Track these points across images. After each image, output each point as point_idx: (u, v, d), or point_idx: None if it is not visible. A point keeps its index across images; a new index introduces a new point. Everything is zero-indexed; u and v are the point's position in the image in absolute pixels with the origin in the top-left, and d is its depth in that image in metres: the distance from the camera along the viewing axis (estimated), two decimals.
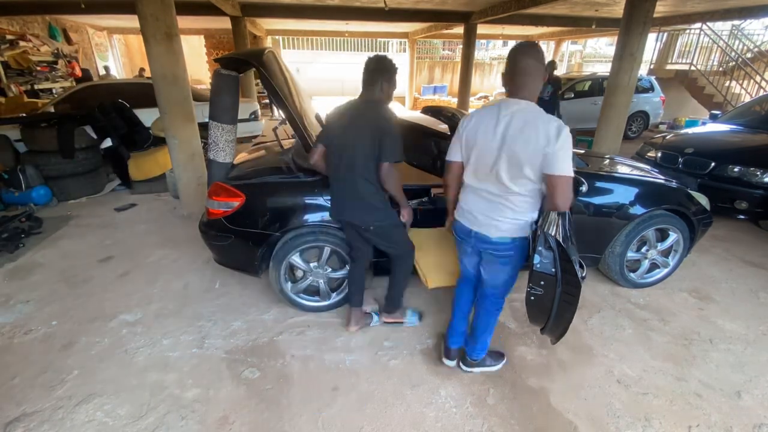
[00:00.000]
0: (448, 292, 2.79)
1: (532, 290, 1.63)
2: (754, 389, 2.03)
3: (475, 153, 1.64)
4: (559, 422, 1.84)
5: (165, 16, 3.35)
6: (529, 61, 1.51)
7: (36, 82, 8.27)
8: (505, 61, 1.59)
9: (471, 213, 1.74)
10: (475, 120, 1.64)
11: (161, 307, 2.63)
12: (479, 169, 1.65)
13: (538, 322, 1.75)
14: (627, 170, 2.90)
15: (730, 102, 8.17)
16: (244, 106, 6.67)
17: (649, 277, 2.87)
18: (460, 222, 1.82)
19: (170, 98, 3.60)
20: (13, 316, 2.52)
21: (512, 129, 1.51)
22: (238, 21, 8.87)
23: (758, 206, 3.54)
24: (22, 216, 3.76)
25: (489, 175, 1.61)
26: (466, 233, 1.79)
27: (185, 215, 4.07)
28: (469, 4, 8.56)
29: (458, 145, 1.73)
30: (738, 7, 8.04)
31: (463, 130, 1.69)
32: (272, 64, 2.24)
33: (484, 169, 1.63)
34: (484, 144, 1.59)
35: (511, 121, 1.51)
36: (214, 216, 2.38)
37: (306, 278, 2.51)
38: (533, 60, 1.52)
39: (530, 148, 1.48)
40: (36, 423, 1.79)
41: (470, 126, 1.65)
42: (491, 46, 20.31)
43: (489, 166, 1.59)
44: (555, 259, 1.53)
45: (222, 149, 2.41)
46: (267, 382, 2.04)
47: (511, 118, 1.52)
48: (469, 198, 1.75)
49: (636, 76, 5.04)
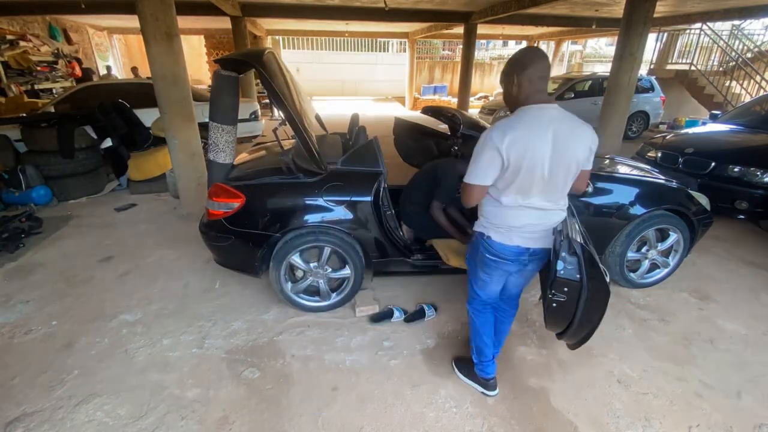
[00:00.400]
0: (448, 293, 2.79)
1: (555, 297, 1.55)
2: (755, 389, 2.03)
3: (523, 170, 1.46)
4: (559, 422, 1.84)
5: (165, 16, 3.35)
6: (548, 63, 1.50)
7: (36, 82, 8.27)
8: (523, 67, 1.45)
9: (526, 231, 1.59)
10: (515, 136, 1.42)
11: (161, 307, 2.63)
12: (527, 185, 1.49)
13: (556, 327, 1.71)
14: (627, 170, 2.90)
15: (730, 102, 8.17)
16: (244, 106, 6.67)
17: (649, 277, 2.87)
18: (508, 245, 1.62)
19: (170, 98, 3.60)
20: (13, 316, 2.52)
21: (562, 133, 1.45)
22: (238, 21, 8.87)
23: (758, 206, 3.54)
24: (22, 216, 3.76)
25: (539, 188, 1.51)
26: (517, 253, 1.63)
27: (185, 215, 4.07)
28: (469, 4, 8.56)
29: (495, 167, 1.48)
30: (738, 7, 8.04)
31: (502, 149, 1.43)
32: (272, 65, 2.23)
33: (533, 184, 1.49)
34: (535, 157, 1.44)
35: (560, 126, 1.45)
36: (214, 217, 2.38)
37: (306, 278, 2.51)
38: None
39: (583, 148, 1.49)
40: (36, 423, 1.79)
41: (514, 143, 1.42)
42: (491, 46, 20.31)
43: (540, 178, 1.48)
44: (580, 264, 1.50)
45: (222, 150, 2.41)
46: (267, 382, 2.04)
47: (558, 123, 1.45)
48: (520, 215, 1.57)
49: (636, 76, 5.05)
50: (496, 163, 1.47)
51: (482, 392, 1.98)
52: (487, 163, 1.48)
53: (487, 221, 1.66)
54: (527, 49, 1.52)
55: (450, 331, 2.44)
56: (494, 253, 1.66)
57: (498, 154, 1.44)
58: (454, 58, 17.97)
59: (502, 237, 1.63)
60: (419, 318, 2.50)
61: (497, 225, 1.62)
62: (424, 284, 2.88)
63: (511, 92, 1.52)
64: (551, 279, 1.54)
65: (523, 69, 1.45)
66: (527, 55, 1.48)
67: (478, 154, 1.50)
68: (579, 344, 1.68)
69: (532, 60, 1.45)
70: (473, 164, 1.52)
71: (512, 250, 1.63)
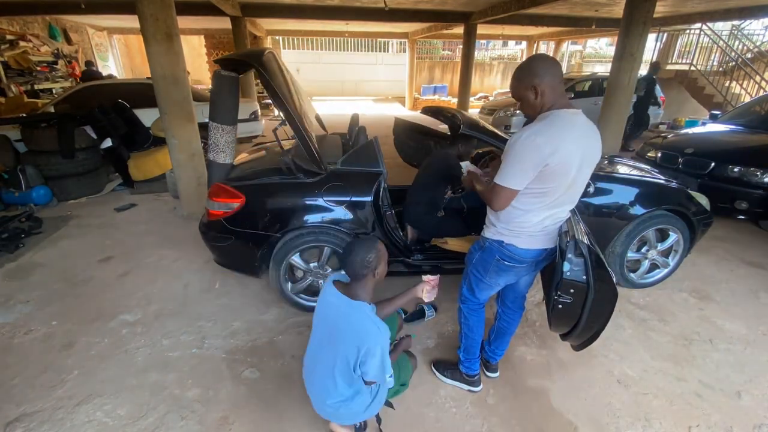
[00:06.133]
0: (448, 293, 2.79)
1: (561, 298, 1.54)
2: (754, 389, 2.03)
3: (556, 176, 1.44)
4: (559, 422, 1.84)
5: (165, 16, 3.35)
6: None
7: (36, 82, 8.27)
8: (542, 75, 1.44)
9: (547, 233, 1.60)
10: (558, 142, 1.39)
11: (161, 307, 2.63)
12: (554, 190, 1.48)
13: (561, 329, 1.72)
14: (627, 170, 2.90)
15: (730, 102, 8.17)
16: (244, 106, 6.67)
17: (649, 278, 2.87)
18: (531, 249, 1.61)
19: (170, 98, 3.60)
20: (13, 316, 2.52)
21: (588, 142, 1.48)
22: (238, 21, 8.87)
23: (758, 206, 3.54)
24: (22, 216, 3.77)
25: (565, 192, 1.51)
26: (537, 255, 1.63)
27: (185, 215, 4.07)
28: (469, 4, 8.56)
29: (534, 172, 1.43)
30: (738, 7, 8.04)
31: (545, 154, 1.39)
32: (272, 65, 2.23)
33: (560, 189, 1.49)
34: (568, 164, 1.43)
35: (586, 134, 1.48)
36: (214, 217, 2.38)
37: (306, 278, 2.51)
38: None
39: (599, 154, 1.53)
40: (36, 423, 1.79)
41: (557, 150, 1.39)
42: (491, 46, 20.30)
43: (568, 184, 1.49)
44: (587, 266, 1.50)
45: (222, 150, 2.41)
46: (267, 382, 2.04)
47: (585, 131, 1.47)
48: (542, 219, 1.56)
49: (636, 76, 5.05)
50: (536, 169, 1.42)
51: (469, 390, 2.01)
52: (529, 168, 1.42)
53: (504, 227, 1.61)
54: (539, 57, 1.49)
55: (450, 331, 2.44)
56: (513, 259, 1.63)
57: (541, 161, 1.40)
58: (454, 58, 17.97)
59: (524, 242, 1.60)
60: (419, 318, 2.50)
61: (519, 229, 1.58)
62: None
63: (532, 101, 1.47)
64: (557, 280, 1.53)
65: (542, 77, 1.43)
66: (541, 63, 1.46)
67: (518, 157, 1.42)
68: (584, 345, 1.68)
69: (548, 67, 1.44)
70: (510, 167, 1.44)
71: (533, 253, 1.62)
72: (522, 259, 1.64)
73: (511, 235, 1.60)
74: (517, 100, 1.54)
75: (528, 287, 1.90)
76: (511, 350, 2.26)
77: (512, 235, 1.60)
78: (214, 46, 14.20)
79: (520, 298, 1.92)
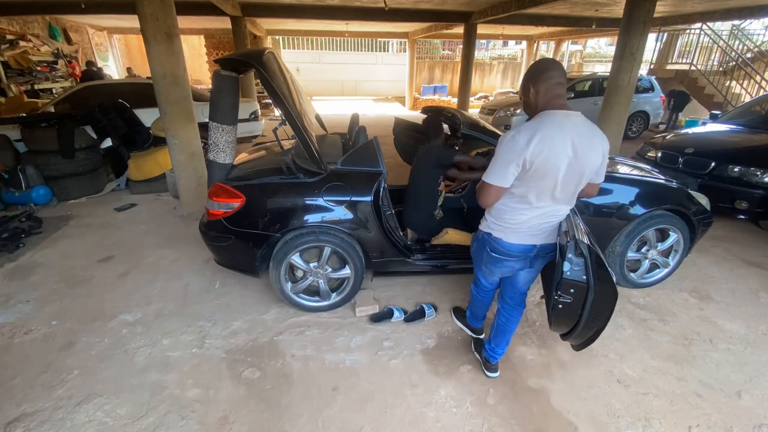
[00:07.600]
0: (448, 293, 2.79)
1: (561, 298, 1.56)
2: (755, 389, 2.03)
3: (540, 175, 1.48)
4: (559, 422, 1.84)
5: (165, 16, 3.35)
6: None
7: (36, 82, 8.28)
8: (538, 76, 1.50)
9: (533, 229, 1.64)
10: (540, 140, 1.44)
11: (161, 307, 2.63)
12: (541, 189, 1.53)
13: (561, 328, 1.72)
14: (627, 170, 2.90)
15: (730, 102, 8.18)
16: (244, 106, 6.67)
17: (649, 277, 2.87)
18: (516, 243, 1.67)
19: (170, 98, 3.60)
20: (13, 316, 2.52)
21: (582, 143, 1.46)
22: (238, 21, 8.87)
23: (758, 206, 3.54)
24: (22, 216, 3.76)
25: (552, 192, 1.53)
26: (524, 250, 1.68)
27: (185, 215, 4.07)
28: (469, 4, 8.56)
29: (517, 169, 1.49)
30: (738, 7, 8.04)
31: (527, 152, 1.44)
32: (272, 65, 2.23)
33: (547, 188, 1.52)
34: (554, 164, 1.46)
35: (581, 135, 1.47)
36: (214, 217, 2.38)
37: (306, 278, 2.51)
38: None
39: (597, 155, 1.51)
40: (36, 423, 1.79)
41: (538, 148, 1.44)
42: (491, 46, 20.30)
43: (555, 184, 1.51)
44: (587, 266, 1.50)
45: (222, 150, 2.41)
46: (267, 382, 2.04)
47: (580, 132, 1.47)
48: (529, 216, 1.60)
49: (636, 76, 5.04)
50: (518, 165, 1.48)
51: (470, 335, 2.34)
52: (511, 164, 1.48)
53: (494, 221, 1.70)
54: (541, 60, 1.57)
55: (450, 330, 2.44)
56: (501, 252, 1.72)
57: (521, 157, 1.46)
58: (454, 58, 17.97)
59: (510, 236, 1.67)
60: (419, 318, 2.50)
61: (505, 225, 1.66)
62: (424, 284, 2.88)
63: (529, 100, 1.57)
64: (557, 280, 1.54)
65: (537, 78, 1.51)
66: (539, 65, 1.54)
67: (501, 154, 1.50)
68: (584, 345, 1.69)
69: (545, 69, 1.51)
70: (495, 163, 1.53)
71: (519, 248, 1.69)
72: (509, 252, 1.71)
73: (499, 229, 1.69)
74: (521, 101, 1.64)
75: (528, 285, 1.90)
76: (511, 350, 2.26)
77: (500, 230, 1.69)
78: (214, 46, 14.20)
79: (519, 295, 1.92)
